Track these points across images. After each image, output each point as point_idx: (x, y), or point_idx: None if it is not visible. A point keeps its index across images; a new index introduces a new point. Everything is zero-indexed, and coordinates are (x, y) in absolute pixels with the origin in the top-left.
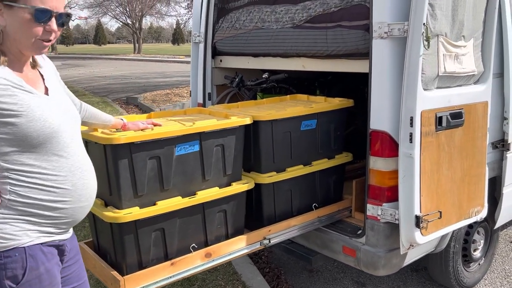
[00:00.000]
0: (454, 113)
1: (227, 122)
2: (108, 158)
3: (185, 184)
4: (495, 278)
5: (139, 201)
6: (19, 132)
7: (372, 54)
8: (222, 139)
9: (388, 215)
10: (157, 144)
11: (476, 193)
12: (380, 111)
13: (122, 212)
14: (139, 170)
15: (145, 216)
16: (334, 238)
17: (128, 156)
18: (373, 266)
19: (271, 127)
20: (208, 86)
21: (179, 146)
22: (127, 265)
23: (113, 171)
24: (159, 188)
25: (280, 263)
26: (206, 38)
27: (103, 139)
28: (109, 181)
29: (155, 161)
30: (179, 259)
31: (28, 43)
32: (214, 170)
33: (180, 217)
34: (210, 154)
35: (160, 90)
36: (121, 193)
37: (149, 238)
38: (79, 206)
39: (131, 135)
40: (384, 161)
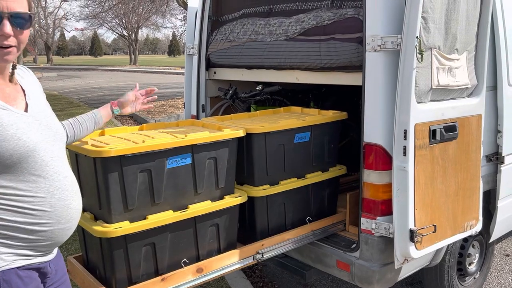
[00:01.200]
0: (448, 126)
1: (220, 135)
2: (98, 171)
3: (177, 198)
4: None
5: (129, 215)
6: None
7: (365, 67)
8: (215, 151)
9: (382, 229)
10: (148, 157)
11: (471, 206)
12: (374, 124)
13: (111, 226)
14: (129, 183)
15: (135, 230)
16: (328, 252)
17: (118, 169)
18: (368, 281)
19: (265, 139)
20: (202, 98)
21: (170, 159)
22: (117, 281)
23: (103, 184)
24: (150, 202)
25: (274, 277)
26: (200, 50)
27: (92, 152)
28: (99, 195)
29: (146, 174)
30: (170, 274)
31: None
32: (207, 183)
33: (171, 231)
34: (202, 167)
35: (155, 102)
36: (111, 207)
37: (139, 253)
38: (59, 228)
39: (122, 148)
40: (377, 174)
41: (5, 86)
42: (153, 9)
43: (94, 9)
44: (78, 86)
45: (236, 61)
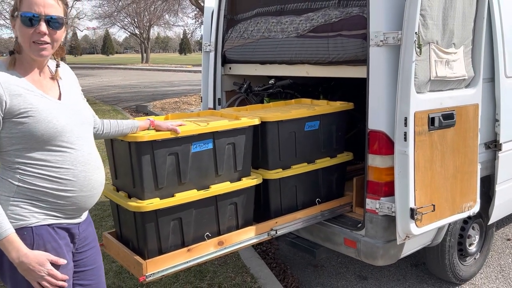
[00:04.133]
0: (446, 114)
1: (238, 123)
2: (132, 154)
3: (200, 178)
4: (491, 272)
5: (159, 193)
6: (27, 131)
7: (369, 61)
8: (233, 138)
9: (386, 208)
10: (176, 141)
11: (469, 189)
12: (377, 113)
13: (144, 202)
14: (159, 165)
15: (164, 206)
16: (336, 231)
17: (150, 152)
18: (372, 256)
19: (278, 127)
20: (218, 92)
21: (194, 144)
22: (148, 251)
23: (137, 165)
24: (177, 182)
25: (286, 259)
26: (216, 47)
27: (128, 137)
28: (133, 175)
29: (173, 157)
30: (194, 246)
31: (27, 47)
32: (226, 166)
33: (195, 208)
34: (222, 152)
35: (169, 99)
36: (144, 185)
37: (168, 226)
38: (81, 195)
39: (153, 134)
40: (381, 159)
41: (42, 79)
42: (166, 7)
43: (109, 8)
44: (93, 84)
45: (250, 57)
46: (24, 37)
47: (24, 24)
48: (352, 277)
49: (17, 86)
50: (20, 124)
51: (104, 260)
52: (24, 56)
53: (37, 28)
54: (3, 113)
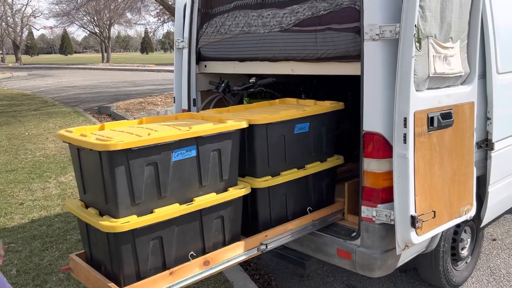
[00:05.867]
0: (445, 113)
1: (224, 126)
2: (104, 165)
3: (182, 191)
4: (481, 275)
5: (136, 209)
6: None
7: (364, 57)
8: (219, 143)
9: (383, 216)
10: (154, 149)
11: (466, 192)
12: (373, 113)
13: (119, 221)
14: (136, 177)
15: (143, 224)
16: (328, 241)
17: (125, 162)
18: (369, 268)
19: (266, 130)
20: (192, 92)
21: (176, 151)
22: (125, 276)
23: (110, 178)
24: (156, 195)
25: (269, 269)
26: (190, 43)
27: (98, 146)
28: (105, 189)
29: (152, 168)
30: (178, 268)
31: None
32: (211, 176)
33: (178, 224)
34: (207, 159)
35: (133, 99)
36: (118, 201)
37: (147, 247)
38: None
39: (128, 141)
40: (377, 163)
41: None
42: (127, 5)
43: (67, 6)
44: (51, 85)
45: (229, 54)
46: None
47: None
48: (340, 286)
49: None
50: None
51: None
52: None
53: None
54: None
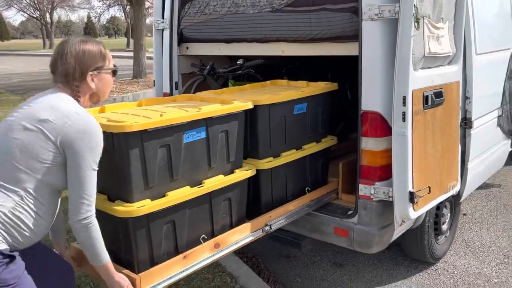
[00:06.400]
0: (437, 92)
1: (232, 107)
2: (117, 148)
3: (193, 173)
4: (458, 248)
5: (150, 193)
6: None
7: (362, 37)
8: (227, 124)
9: (381, 193)
10: (168, 131)
11: (452, 168)
12: (372, 92)
13: (134, 205)
14: (150, 159)
15: (158, 208)
16: (324, 220)
17: (139, 144)
18: (367, 244)
19: (269, 111)
20: (174, 75)
21: (187, 133)
22: (139, 262)
23: (123, 161)
24: (168, 178)
25: (256, 252)
26: (171, 24)
27: (112, 127)
28: (118, 173)
29: (165, 150)
30: (191, 251)
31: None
32: (219, 157)
33: (189, 207)
34: (216, 141)
35: None
36: (132, 185)
37: (161, 231)
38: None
39: (143, 122)
40: (376, 141)
41: None
42: None
43: None
44: None
45: (214, 35)
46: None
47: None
48: (327, 265)
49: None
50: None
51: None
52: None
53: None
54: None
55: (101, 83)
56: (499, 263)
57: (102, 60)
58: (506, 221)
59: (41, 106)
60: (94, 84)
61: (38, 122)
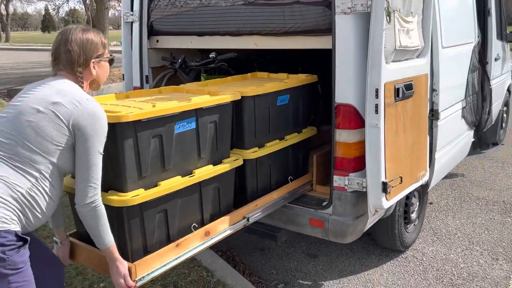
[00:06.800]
0: (407, 85)
1: (221, 98)
2: (112, 137)
3: (183, 163)
4: (426, 236)
5: (143, 182)
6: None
7: (335, 30)
8: (216, 115)
9: (355, 184)
10: (160, 121)
11: (421, 158)
12: (345, 85)
13: (129, 194)
14: (143, 149)
15: (151, 198)
16: (300, 212)
17: (133, 135)
18: (342, 234)
19: (254, 102)
20: (145, 68)
21: (178, 123)
22: (133, 251)
23: (118, 151)
24: (160, 168)
25: (230, 246)
26: (141, 17)
27: (109, 118)
28: (111, 163)
29: (157, 140)
30: (182, 239)
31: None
32: (208, 148)
33: (180, 197)
34: (205, 131)
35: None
36: (126, 175)
37: (154, 220)
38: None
39: (138, 112)
40: (349, 133)
41: None
42: None
43: None
44: None
45: (186, 28)
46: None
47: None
48: (301, 256)
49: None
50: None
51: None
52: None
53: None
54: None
55: (101, 70)
56: (465, 249)
57: (103, 48)
58: (470, 209)
59: (50, 91)
60: (95, 71)
61: (51, 105)
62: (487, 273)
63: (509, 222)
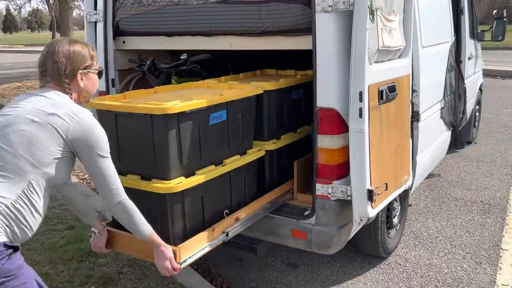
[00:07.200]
0: (390, 87)
1: (248, 91)
2: (156, 128)
3: (216, 153)
4: (408, 240)
5: (183, 171)
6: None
7: (315, 30)
8: (243, 108)
9: (339, 192)
10: (198, 114)
11: (405, 162)
12: (327, 88)
13: (173, 182)
14: (184, 139)
15: (192, 185)
16: (280, 222)
17: (176, 126)
18: (326, 245)
19: (275, 96)
20: (111, 71)
21: (212, 115)
22: (175, 236)
23: (163, 141)
24: (197, 158)
25: (206, 258)
26: (105, 16)
27: (156, 110)
28: (155, 153)
29: (196, 131)
30: (217, 224)
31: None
32: (236, 139)
33: (214, 184)
34: (233, 123)
35: (7, 84)
36: (170, 163)
37: (193, 206)
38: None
39: (181, 105)
40: (332, 139)
41: None
42: None
43: None
44: None
45: (154, 28)
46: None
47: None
48: (281, 266)
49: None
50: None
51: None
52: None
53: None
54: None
55: (89, 82)
56: (447, 253)
57: (91, 60)
58: (449, 210)
59: (44, 102)
60: (83, 83)
61: (46, 116)
62: (471, 278)
63: (489, 223)
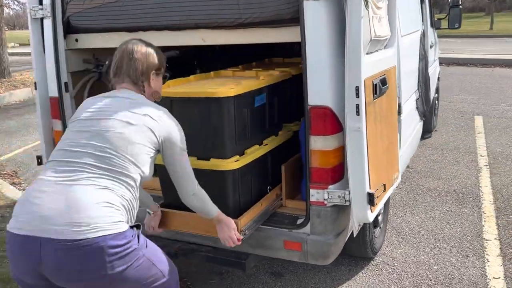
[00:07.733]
0: (382, 79)
1: (281, 75)
2: (214, 111)
3: (258, 134)
4: (391, 237)
5: (236, 150)
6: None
7: (304, 19)
8: (278, 91)
9: (336, 198)
10: (247, 97)
11: (394, 159)
12: (320, 84)
13: (231, 160)
14: (238, 121)
15: (246, 162)
16: (271, 233)
17: (232, 108)
18: (323, 255)
19: (295, 81)
20: (63, 74)
21: (256, 98)
22: (232, 210)
23: (222, 122)
24: (246, 138)
25: (183, 274)
26: (54, 12)
27: (214, 93)
28: (214, 134)
29: (245, 112)
30: (264, 199)
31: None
32: (271, 120)
33: (259, 163)
34: (271, 106)
35: None
36: (227, 143)
37: (246, 182)
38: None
39: (237, 88)
40: (326, 140)
41: None
42: None
43: None
44: None
45: (113, 23)
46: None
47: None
48: (266, 276)
49: None
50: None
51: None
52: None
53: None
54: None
55: (157, 84)
56: (433, 248)
57: (161, 63)
58: (425, 202)
59: (133, 104)
60: (153, 84)
61: (140, 118)
62: (462, 273)
63: (466, 213)
